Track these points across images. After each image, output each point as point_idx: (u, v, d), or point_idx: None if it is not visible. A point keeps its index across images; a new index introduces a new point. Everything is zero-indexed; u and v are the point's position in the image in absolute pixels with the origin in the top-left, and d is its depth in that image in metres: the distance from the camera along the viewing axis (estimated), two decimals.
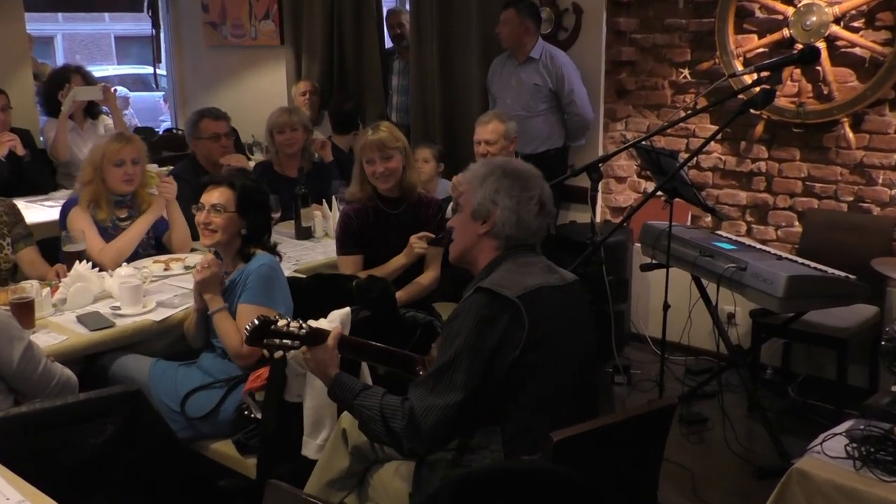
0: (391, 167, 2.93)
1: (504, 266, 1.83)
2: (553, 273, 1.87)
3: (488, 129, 3.68)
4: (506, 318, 1.70)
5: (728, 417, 3.20)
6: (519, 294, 1.72)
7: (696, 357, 3.98)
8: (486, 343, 1.69)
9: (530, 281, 1.78)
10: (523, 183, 1.87)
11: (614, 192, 4.44)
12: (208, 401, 2.41)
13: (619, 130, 4.38)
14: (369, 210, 3.02)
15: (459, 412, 1.70)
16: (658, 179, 3.42)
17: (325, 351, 1.88)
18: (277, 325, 1.84)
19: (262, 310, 2.34)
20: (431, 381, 1.72)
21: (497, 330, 1.70)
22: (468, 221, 1.89)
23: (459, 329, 1.72)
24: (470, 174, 1.92)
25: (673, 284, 3.27)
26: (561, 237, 4.08)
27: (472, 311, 1.72)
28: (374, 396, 1.78)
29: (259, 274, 2.42)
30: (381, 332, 2.20)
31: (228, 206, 2.43)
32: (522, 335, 1.69)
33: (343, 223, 3.04)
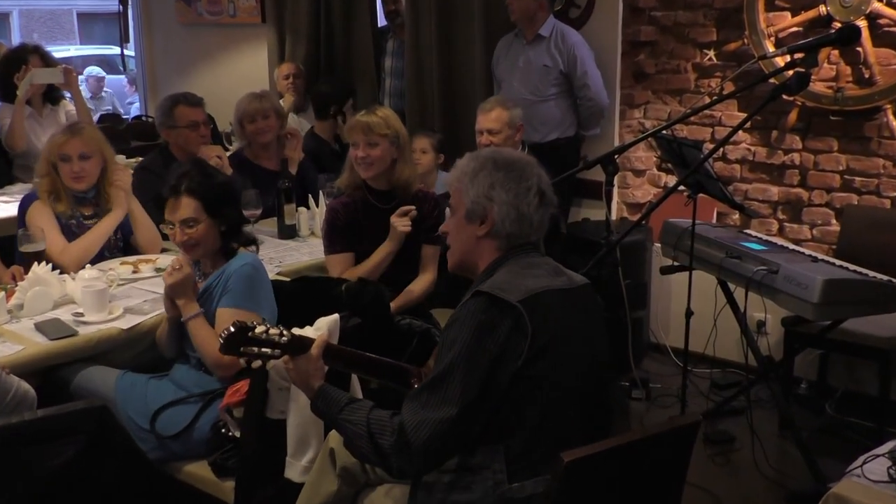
0: (374, 155, 2.93)
1: (505, 268, 1.84)
2: (560, 275, 1.88)
3: (491, 117, 3.68)
4: (506, 325, 1.70)
5: (757, 436, 3.20)
6: (521, 298, 1.72)
7: (722, 370, 3.98)
8: (485, 352, 1.70)
9: (534, 283, 1.78)
10: (518, 173, 1.86)
11: (631, 186, 4.44)
12: (181, 417, 2.40)
13: (636, 118, 4.38)
14: (358, 203, 3.02)
15: (455, 428, 1.70)
16: (680, 173, 3.42)
17: (308, 361, 1.88)
18: (255, 331, 1.84)
19: (245, 314, 2.34)
20: (425, 394, 1.72)
21: (497, 338, 1.70)
22: (463, 224, 1.89)
23: (455, 337, 1.72)
24: (458, 171, 1.92)
25: (696, 289, 3.27)
26: (572, 236, 4.08)
27: (470, 318, 1.72)
28: (360, 410, 1.79)
29: (240, 275, 2.42)
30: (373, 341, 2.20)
31: (199, 216, 2.43)
32: (525, 343, 1.70)
33: (329, 218, 3.04)
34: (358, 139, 2.94)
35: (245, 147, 4.00)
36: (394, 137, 2.97)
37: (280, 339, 1.86)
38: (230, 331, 1.82)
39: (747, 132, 4.04)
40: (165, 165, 3.53)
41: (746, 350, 3.23)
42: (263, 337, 1.85)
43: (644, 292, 4.08)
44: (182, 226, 2.45)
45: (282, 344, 1.86)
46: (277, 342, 1.86)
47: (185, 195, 2.44)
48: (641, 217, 3.00)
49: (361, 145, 2.93)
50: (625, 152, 4.01)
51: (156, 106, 4.21)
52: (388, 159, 2.97)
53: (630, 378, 3.73)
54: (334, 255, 3.02)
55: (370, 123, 2.94)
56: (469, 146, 3.91)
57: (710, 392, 3.82)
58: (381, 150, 2.94)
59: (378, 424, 1.74)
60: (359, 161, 2.94)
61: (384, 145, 2.94)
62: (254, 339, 1.84)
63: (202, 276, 2.55)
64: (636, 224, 2.91)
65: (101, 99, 8.64)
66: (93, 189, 3.14)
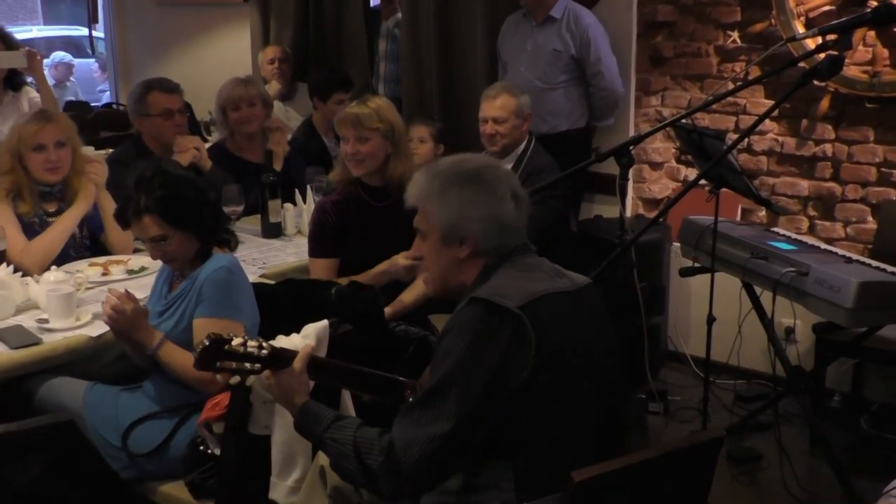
0: (364, 151, 2.93)
1: (501, 272, 1.84)
2: (561, 277, 1.88)
3: (496, 104, 3.68)
4: (506, 334, 1.70)
5: (786, 454, 3.21)
6: (521, 304, 1.72)
7: (747, 381, 3.98)
8: (484, 365, 1.70)
9: (534, 287, 1.78)
10: (488, 184, 1.87)
11: (648, 180, 4.44)
12: (156, 433, 2.40)
13: (653, 106, 4.38)
14: (350, 201, 3.02)
15: (448, 446, 1.70)
16: (701, 165, 3.42)
17: (291, 375, 1.88)
18: (233, 344, 1.84)
19: (223, 323, 2.33)
20: (417, 410, 1.72)
21: (497, 348, 1.70)
22: (440, 248, 1.89)
23: (450, 348, 1.72)
24: (419, 191, 1.91)
25: (719, 293, 3.27)
26: (583, 235, 4.09)
27: (466, 327, 1.72)
28: (347, 428, 1.79)
29: (214, 280, 2.41)
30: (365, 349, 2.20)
31: (167, 232, 2.42)
32: (530, 354, 1.70)
33: (318, 218, 3.04)
34: (347, 133, 2.94)
35: (227, 138, 4.00)
36: (387, 131, 2.96)
37: (260, 352, 1.86)
38: (205, 344, 1.82)
39: (775, 121, 4.04)
40: (139, 157, 3.54)
41: (774, 359, 3.22)
42: (241, 350, 1.85)
43: (662, 296, 4.08)
44: (152, 244, 2.45)
45: (262, 357, 1.87)
46: (257, 356, 1.86)
47: (146, 215, 2.41)
48: (659, 214, 3.00)
49: (351, 140, 2.93)
50: (640, 143, 4.01)
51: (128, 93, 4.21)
52: (380, 155, 2.96)
53: (646, 390, 3.73)
54: (318, 260, 3.03)
55: (360, 116, 2.93)
56: (471, 135, 3.94)
57: (735, 405, 3.82)
58: (372, 145, 2.93)
59: (366, 443, 1.75)
60: (349, 157, 2.94)
61: (376, 140, 2.94)
62: (231, 353, 1.84)
63: (178, 279, 2.55)
64: (653, 221, 2.91)
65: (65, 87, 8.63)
66: (60, 183, 3.14)
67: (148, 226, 2.41)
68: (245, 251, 3.28)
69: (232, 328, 2.32)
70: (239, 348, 1.85)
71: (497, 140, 3.70)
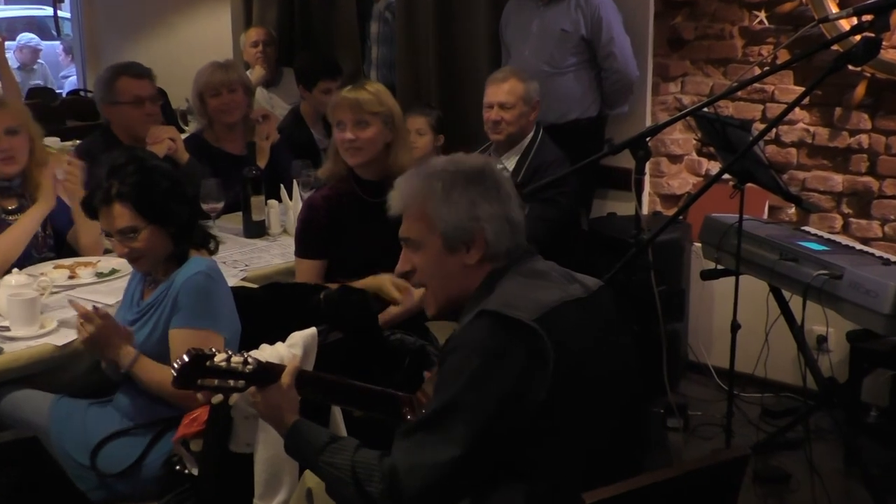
0: (364, 137, 2.93)
1: (508, 279, 1.83)
2: (572, 282, 1.87)
3: (504, 88, 3.69)
4: (521, 352, 1.69)
5: (818, 474, 3.21)
6: (537, 315, 1.71)
7: (775, 394, 3.99)
8: (497, 386, 1.68)
9: (547, 296, 1.77)
10: (493, 180, 1.87)
11: (667, 174, 4.44)
12: (128, 451, 2.40)
13: (672, 93, 4.39)
14: (343, 197, 3.02)
15: (457, 473, 1.69)
16: (724, 158, 3.42)
17: (278, 392, 1.88)
18: (215, 360, 1.84)
19: (203, 335, 2.33)
20: (421, 432, 1.72)
21: (511, 369, 1.69)
22: (442, 257, 1.87)
23: (459, 368, 1.71)
24: (414, 195, 1.88)
25: (744, 297, 3.27)
26: (596, 234, 4.09)
27: (475, 344, 1.71)
28: (344, 451, 1.78)
29: (191, 287, 2.40)
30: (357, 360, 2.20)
31: (138, 224, 2.41)
32: (548, 373, 1.68)
33: (306, 215, 3.04)
34: (344, 118, 2.93)
35: (205, 128, 4.00)
36: (387, 117, 2.96)
37: (245, 367, 1.86)
38: (184, 361, 1.82)
39: (805, 109, 4.04)
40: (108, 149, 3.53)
41: (804, 370, 3.23)
42: (224, 366, 1.84)
43: (681, 301, 4.08)
44: (120, 237, 2.44)
45: (247, 373, 1.87)
46: (242, 371, 1.86)
47: (117, 202, 2.40)
48: (678, 212, 3.00)
49: (349, 126, 2.93)
50: (658, 134, 4.00)
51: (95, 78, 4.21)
52: (380, 143, 2.96)
53: (665, 404, 3.72)
54: (305, 261, 3.03)
55: (359, 100, 2.93)
56: (473, 126, 3.95)
57: (761, 421, 3.82)
58: (372, 131, 2.93)
59: (365, 468, 1.74)
60: (345, 145, 2.93)
61: (376, 126, 2.94)
62: (213, 370, 1.84)
63: (152, 284, 2.55)
64: (672, 220, 2.91)
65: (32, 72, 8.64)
66: (19, 176, 3.14)
67: (117, 215, 2.41)
68: (225, 252, 3.28)
69: (211, 340, 2.32)
70: (222, 364, 1.84)
71: (502, 128, 3.71)
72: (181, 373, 1.83)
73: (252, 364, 1.87)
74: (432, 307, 1.93)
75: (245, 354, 1.89)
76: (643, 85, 4.26)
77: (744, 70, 4.14)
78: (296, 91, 4.68)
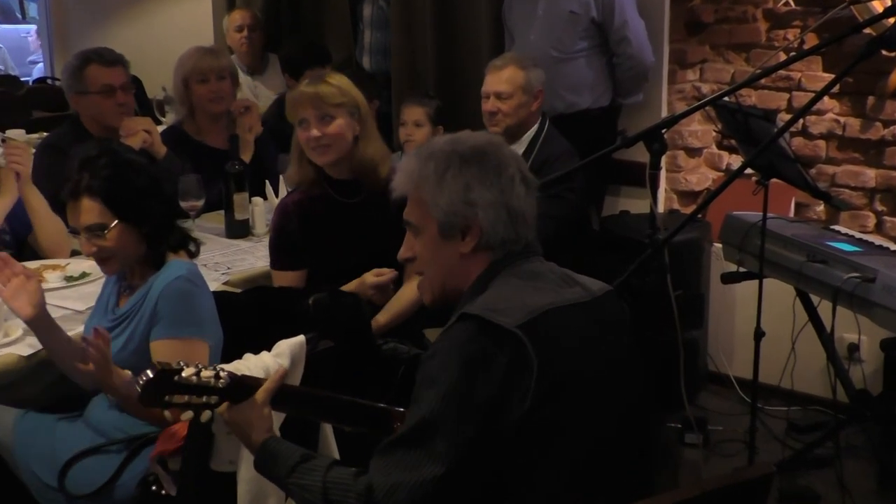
0: (331, 133, 2.93)
1: (499, 281, 1.83)
2: (571, 285, 1.87)
3: (502, 76, 3.69)
4: (504, 358, 1.69)
5: (850, 494, 3.21)
6: (521, 321, 1.71)
7: (802, 407, 3.99)
8: (478, 396, 1.68)
9: (537, 299, 1.77)
10: (495, 161, 1.85)
11: (684, 169, 4.45)
12: (99, 471, 2.40)
13: (690, 81, 4.39)
14: (316, 200, 3.02)
15: (442, 492, 1.68)
16: (747, 151, 3.43)
17: (250, 408, 1.88)
18: (183, 375, 1.83)
19: (187, 344, 2.34)
20: (399, 451, 1.71)
21: (493, 376, 1.69)
22: (438, 244, 1.88)
23: (437, 375, 1.71)
24: (411, 177, 1.89)
25: (768, 302, 3.27)
26: (607, 234, 4.09)
27: (456, 350, 1.71)
28: (315, 471, 1.78)
29: (171, 294, 2.40)
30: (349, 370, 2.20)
31: (107, 221, 2.41)
32: (531, 381, 1.68)
33: (278, 223, 3.04)
34: (307, 115, 2.93)
35: (185, 119, 4.00)
36: (352, 107, 2.96)
37: (216, 382, 1.86)
38: (148, 377, 1.81)
39: (835, 98, 4.04)
40: (77, 142, 3.53)
41: (834, 382, 3.23)
42: (194, 381, 1.84)
43: (700, 307, 4.08)
44: (88, 234, 2.43)
45: (220, 389, 1.86)
46: (213, 386, 1.86)
47: (86, 196, 2.40)
48: (697, 209, 3.00)
49: (312, 122, 2.92)
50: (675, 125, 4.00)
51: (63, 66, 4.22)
52: (348, 136, 2.96)
53: (682, 418, 3.73)
54: (282, 273, 3.03)
55: (319, 93, 2.93)
56: (474, 115, 3.94)
57: (787, 436, 3.82)
58: (338, 125, 2.93)
59: (338, 488, 1.74)
60: (311, 143, 2.94)
61: (341, 119, 2.94)
62: (181, 385, 1.84)
63: (128, 290, 2.55)
64: (690, 218, 2.92)
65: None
66: None
67: (85, 210, 2.40)
68: (206, 254, 3.27)
69: (196, 349, 2.33)
70: (191, 379, 1.84)
71: (499, 119, 3.71)
72: (147, 389, 1.82)
73: (225, 379, 1.87)
74: (428, 296, 1.95)
75: (217, 367, 1.89)
76: (659, 72, 4.26)
77: (768, 56, 4.14)
78: (280, 80, 4.68)
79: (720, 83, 4.28)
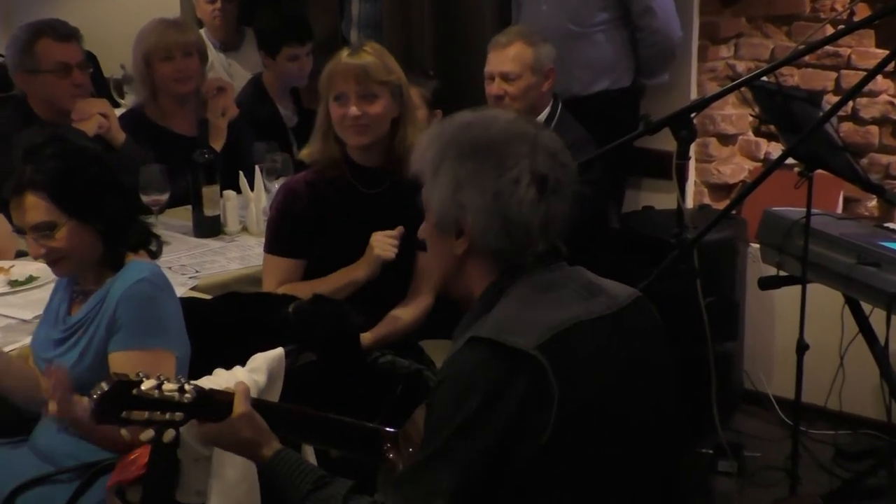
0: (373, 113, 2.92)
1: (511, 295, 1.82)
2: (595, 294, 1.86)
3: (507, 55, 3.68)
4: (520, 386, 1.69)
5: None
6: (540, 342, 1.71)
7: (851, 431, 3.99)
8: (492, 427, 1.69)
9: (557, 315, 1.76)
10: (495, 159, 1.81)
11: (716, 159, 4.45)
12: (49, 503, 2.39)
13: (723, 59, 4.39)
14: (332, 184, 3.02)
15: None
16: (788, 139, 3.43)
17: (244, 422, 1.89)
18: (142, 388, 1.83)
19: (152, 356, 2.34)
20: (408, 484, 1.74)
21: (508, 406, 1.69)
22: (435, 236, 1.90)
23: (449, 408, 1.72)
24: (419, 156, 1.91)
25: (813, 311, 3.27)
26: (629, 232, 4.09)
27: (467, 380, 1.71)
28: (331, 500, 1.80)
29: (133, 299, 2.39)
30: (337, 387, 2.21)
31: (56, 219, 2.40)
32: (551, 410, 1.68)
33: (282, 203, 3.03)
34: (346, 89, 2.91)
35: (147, 101, 4.00)
36: (396, 87, 2.97)
37: (181, 396, 1.85)
38: (103, 390, 1.81)
39: (889, 78, 4.05)
40: (23, 127, 3.53)
41: (889, 402, 3.23)
42: (155, 395, 1.84)
43: (735, 316, 4.09)
44: (34, 234, 2.42)
45: (184, 404, 1.86)
46: (177, 401, 1.85)
47: (30, 192, 2.39)
48: (731, 205, 3.01)
49: (353, 98, 2.91)
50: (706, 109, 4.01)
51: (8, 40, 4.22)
52: (388, 119, 2.97)
53: (715, 443, 3.73)
54: (276, 258, 3.02)
55: (366, 67, 2.91)
56: (476, 98, 3.94)
57: (835, 464, 3.82)
58: (382, 105, 2.93)
59: None
60: (348, 122, 2.92)
61: (385, 98, 2.94)
62: (141, 400, 1.83)
63: (81, 296, 2.55)
64: (722, 215, 2.92)
65: None
66: None
67: (31, 207, 2.39)
68: (171, 255, 3.28)
69: (162, 360, 2.33)
70: (152, 392, 1.83)
71: (506, 104, 3.70)
72: (100, 404, 1.81)
73: (190, 392, 1.86)
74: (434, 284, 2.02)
75: (182, 380, 1.88)
76: (688, 48, 4.26)
77: (813, 29, 4.14)
78: (257, 58, 4.68)
79: (758, 61, 4.29)
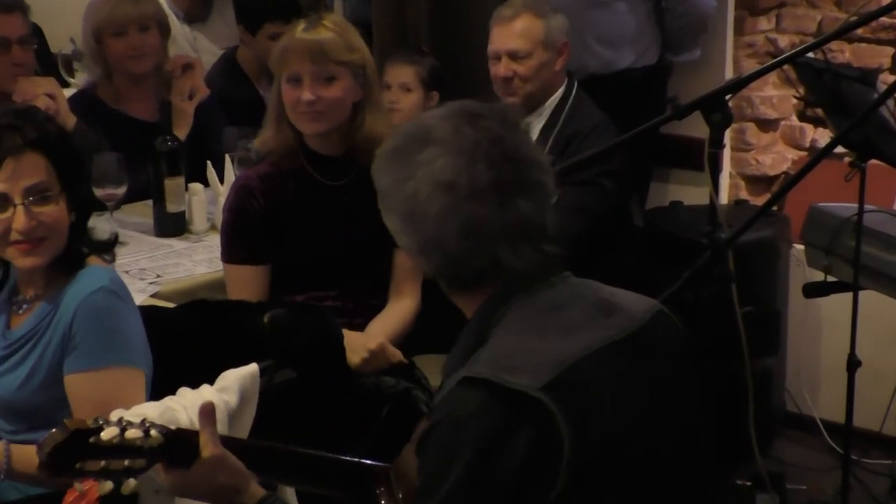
0: (329, 98, 2.94)
1: (509, 318, 1.80)
2: (608, 314, 1.84)
3: (514, 30, 3.68)
4: (525, 434, 1.67)
5: None
6: (547, 380, 1.68)
7: None
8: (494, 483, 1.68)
9: (565, 345, 1.74)
10: (409, 154, 1.81)
11: (755, 147, 4.46)
12: None
13: (763, 32, 4.40)
14: (288, 176, 3.04)
15: None
16: (838, 124, 3.43)
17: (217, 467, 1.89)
18: (101, 437, 1.82)
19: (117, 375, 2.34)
20: None
21: (512, 457, 1.67)
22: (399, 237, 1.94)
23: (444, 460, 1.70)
24: None
25: (866, 323, 3.28)
26: (654, 231, 4.10)
27: (463, 427, 1.69)
28: None
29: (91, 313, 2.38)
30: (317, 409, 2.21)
31: (52, 187, 2.39)
32: (561, 463, 1.66)
33: (235, 202, 3.05)
34: (301, 70, 2.94)
35: (100, 81, 4.00)
36: (358, 67, 2.98)
37: (145, 441, 1.84)
38: (56, 441, 1.80)
39: None
40: None
41: None
42: (115, 441, 1.83)
43: (776, 327, 4.09)
44: (30, 199, 2.36)
45: (147, 449, 1.85)
46: (140, 447, 1.84)
47: (31, 150, 2.37)
48: (772, 200, 3.01)
49: (307, 80, 2.93)
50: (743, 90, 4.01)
51: None
52: (348, 104, 2.98)
53: (753, 473, 3.73)
54: (235, 267, 3.05)
55: (323, 44, 2.93)
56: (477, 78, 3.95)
57: (891, 497, 3.84)
58: (340, 87, 2.95)
59: None
60: (302, 108, 2.94)
61: (344, 80, 2.96)
62: (99, 449, 1.83)
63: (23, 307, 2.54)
64: (762, 211, 2.92)
65: None
66: None
67: (30, 166, 2.37)
68: (128, 256, 3.29)
69: (128, 382, 2.34)
70: (113, 440, 1.82)
71: (516, 86, 3.69)
72: (52, 456, 1.80)
73: (157, 438, 1.86)
74: None
75: (147, 422, 1.87)
76: (722, 20, 4.28)
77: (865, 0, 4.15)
78: (228, 31, 4.69)
79: (802, 34, 4.29)
